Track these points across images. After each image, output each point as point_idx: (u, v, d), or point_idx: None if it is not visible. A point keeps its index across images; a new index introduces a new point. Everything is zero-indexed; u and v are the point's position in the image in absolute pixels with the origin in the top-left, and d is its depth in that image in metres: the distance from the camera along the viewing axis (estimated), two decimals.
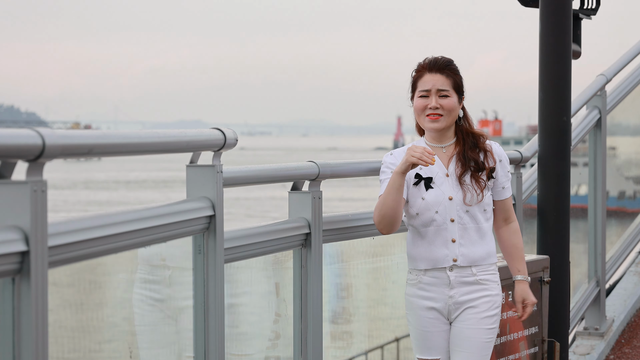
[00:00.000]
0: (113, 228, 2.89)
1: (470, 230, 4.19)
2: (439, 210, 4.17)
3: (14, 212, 2.48)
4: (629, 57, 7.26)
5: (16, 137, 2.46)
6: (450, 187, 4.19)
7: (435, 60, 4.24)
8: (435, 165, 4.22)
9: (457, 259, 4.17)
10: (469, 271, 4.19)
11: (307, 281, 4.15)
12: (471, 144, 4.24)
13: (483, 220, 4.21)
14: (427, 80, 4.22)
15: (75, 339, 3.09)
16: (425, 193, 4.19)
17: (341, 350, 4.87)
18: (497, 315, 4.23)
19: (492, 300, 4.20)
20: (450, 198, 4.18)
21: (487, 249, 4.22)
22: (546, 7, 5.48)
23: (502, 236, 4.37)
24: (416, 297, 4.23)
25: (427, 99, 4.21)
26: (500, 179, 4.29)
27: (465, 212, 4.18)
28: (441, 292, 4.19)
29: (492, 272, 4.24)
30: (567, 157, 5.56)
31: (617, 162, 8.01)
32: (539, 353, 5.08)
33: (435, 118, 4.20)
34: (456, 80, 4.23)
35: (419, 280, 4.22)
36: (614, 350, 6.84)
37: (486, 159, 4.25)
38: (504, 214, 4.34)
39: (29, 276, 2.49)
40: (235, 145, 3.57)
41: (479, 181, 4.20)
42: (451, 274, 4.18)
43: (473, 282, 4.19)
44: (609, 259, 7.12)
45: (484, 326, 4.18)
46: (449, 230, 4.18)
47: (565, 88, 5.53)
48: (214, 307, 3.46)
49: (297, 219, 4.15)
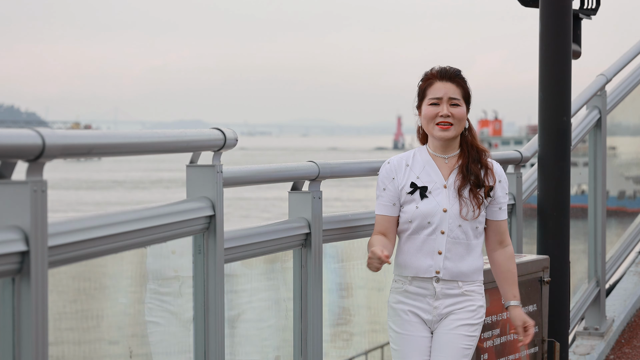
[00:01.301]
0: (113, 228, 2.89)
1: (459, 246, 4.15)
2: (432, 220, 4.15)
3: (14, 212, 2.48)
4: (629, 57, 7.26)
5: (16, 137, 2.46)
6: (446, 198, 4.16)
7: (445, 69, 4.21)
8: (434, 175, 4.19)
9: (439, 271, 4.14)
10: (454, 284, 4.16)
11: (307, 281, 4.15)
12: (474, 158, 4.21)
13: (473, 236, 4.18)
14: (438, 88, 4.18)
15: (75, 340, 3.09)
16: (420, 202, 4.16)
17: (341, 350, 4.87)
18: (479, 325, 4.19)
19: (475, 310, 4.17)
20: (445, 210, 4.15)
21: (474, 265, 4.18)
22: (546, 7, 5.48)
23: (496, 260, 4.29)
24: (400, 303, 4.20)
25: (438, 106, 4.17)
26: (498, 199, 4.23)
27: (457, 226, 4.15)
28: (426, 303, 4.16)
29: (478, 285, 4.21)
30: (567, 157, 5.56)
31: (617, 162, 8.01)
32: (539, 353, 5.08)
33: (445, 127, 4.16)
34: (466, 90, 4.22)
35: (405, 289, 4.20)
36: (614, 350, 6.84)
37: (486, 176, 4.21)
38: (499, 237, 4.27)
39: (29, 276, 2.49)
40: (235, 145, 3.57)
41: (477, 197, 4.17)
42: (437, 285, 4.15)
43: (458, 294, 4.17)
44: (609, 259, 7.12)
45: (463, 332, 4.15)
46: (437, 242, 4.14)
47: (565, 88, 5.53)
48: (214, 307, 3.46)
49: (297, 219, 4.15)
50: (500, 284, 4.31)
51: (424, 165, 4.21)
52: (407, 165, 4.22)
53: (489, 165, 4.23)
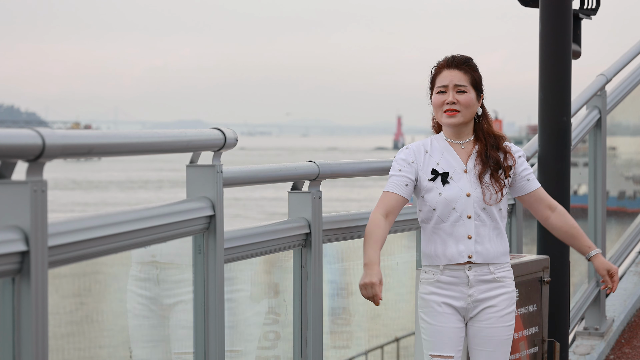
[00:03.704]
0: (113, 228, 2.89)
1: (488, 228, 4.21)
2: (456, 206, 4.20)
3: (14, 212, 2.48)
4: (629, 57, 7.26)
5: (16, 137, 2.46)
6: (468, 183, 4.21)
7: (454, 57, 4.29)
8: (453, 161, 4.24)
9: (472, 255, 4.19)
10: (486, 269, 4.22)
11: (307, 281, 4.15)
12: (493, 144, 4.27)
13: (499, 218, 4.25)
14: (445, 76, 4.25)
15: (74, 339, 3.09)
16: (443, 188, 4.21)
17: (341, 350, 4.86)
18: (514, 311, 4.29)
19: (510, 297, 4.26)
20: (468, 194, 4.20)
21: (503, 247, 4.25)
22: (546, 7, 5.47)
23: (555, 224, 4.37)
24: (433, 294, 4.23)
25: (445, 94, 4.24)
26: (522, 173, 4.31)
27: (482, 209, 4.20)
28: (460, 291, 4.21)
29: (508, 269, 4.28)
30: (567, 157, 5.56)
31: (618, 162, 8.00)
32: (539, 353, 5.08)
33: (452, 114, 4.23)
34: (474, 77, 4.26)
35: (437, 279, 4.23)
36: (614, 350, 6.84)
37: (506, 159, 4.29)
38: (544, 203, 4.36)
39: (29, 276, 2.49)
40: (235, 145, 3.57)
41: (498, 181, 4.23)
42: (470, 273, 4.20)
43: (491, 280, 4.22)
44: (609, 259, 7.12)
45: (503, 324, 4.24)
46: (466, 227, 4.20)
47: (565, 88, 5.53)
48: (214, 307, 3.46)
49: (297, 219, 4.15)
50: (572, 243, 4.41)
51: (443, 152, 4.27)
52: (426, 151, 4.28)
53: (507, 149, 4.30)
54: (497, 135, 4.32)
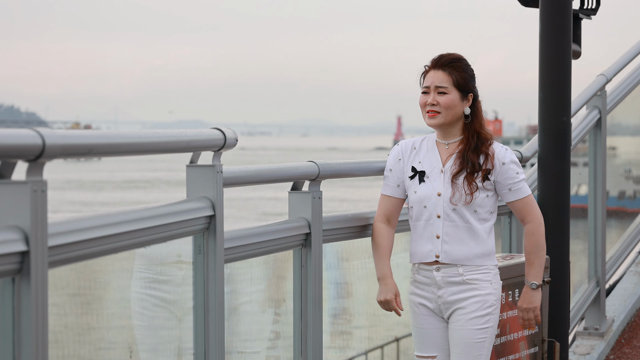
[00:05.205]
0: (113, 228, 2.89)
1: (459, 229, 4.19)
2: (427, 205, 4.21)
3: (14, 212, 2.48)
4: (629, 57, 7.25)
5: (16, 137, 2.46)
6: (441, 183, 4.21)
7: (440, 57, 4.27)
8: (434, 160, 4.25)
9: (439, 255, 4.19)
10: (455, 271, 4.20)
11: (307, 281, 4.15)
12: (474, 146, 4.23)
13: (474, 220, 4.19)
14: (429, 77, 4.27)
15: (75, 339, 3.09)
16: (418, 186, 4.25)
17: (341, 350, 4.86)
18: (490, 314, 4.21)
19: (482, 299, 4.19)
20: (439, 194, 4.20)
21: (479, 249, 4.20)
22: (546, 7, 5.47)
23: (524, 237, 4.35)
24: (412, 294, 4.30)
25: (428, 95, 4.25)
26: (504, 182, 4.23)
27: (452, 209, 4.19)
28: (432, 292, 4.23)
29: (483, 272, 4.21)
30: (567, 157, 5.55)
31: (618, 162, 8.00)
32: (539, 353, 5.08)
33: (432, 115, 4.24)
34: (458, 78, 4.22)
35: (415, 279, 4.29)
36: (614, 350, 6.84)
37: (485, 162, 4.23)
38: (519, 215, 4.31)
39: (29, 276, 2.49)
40: (235, 145, 3.57)
41: (471, 184, 4.19)
42: (437, 274, 4.20)
43: (460, 282, 4.20)
44: (609, 259, 7.12)
45: (472, 326, 4.19)
46: (435, 226, 4.20)
47: (565, 88, 5.52)
48: (214, 307, 3.46)
49: (297, 219, 4.15)
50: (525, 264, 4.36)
51: (427, 151, 4.29)
52: (414, 148, 4.31)
53: (489, 152, 4.23)
54: (482, 136, 4.26)
